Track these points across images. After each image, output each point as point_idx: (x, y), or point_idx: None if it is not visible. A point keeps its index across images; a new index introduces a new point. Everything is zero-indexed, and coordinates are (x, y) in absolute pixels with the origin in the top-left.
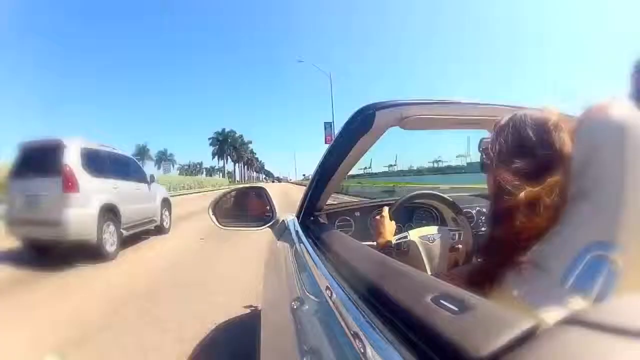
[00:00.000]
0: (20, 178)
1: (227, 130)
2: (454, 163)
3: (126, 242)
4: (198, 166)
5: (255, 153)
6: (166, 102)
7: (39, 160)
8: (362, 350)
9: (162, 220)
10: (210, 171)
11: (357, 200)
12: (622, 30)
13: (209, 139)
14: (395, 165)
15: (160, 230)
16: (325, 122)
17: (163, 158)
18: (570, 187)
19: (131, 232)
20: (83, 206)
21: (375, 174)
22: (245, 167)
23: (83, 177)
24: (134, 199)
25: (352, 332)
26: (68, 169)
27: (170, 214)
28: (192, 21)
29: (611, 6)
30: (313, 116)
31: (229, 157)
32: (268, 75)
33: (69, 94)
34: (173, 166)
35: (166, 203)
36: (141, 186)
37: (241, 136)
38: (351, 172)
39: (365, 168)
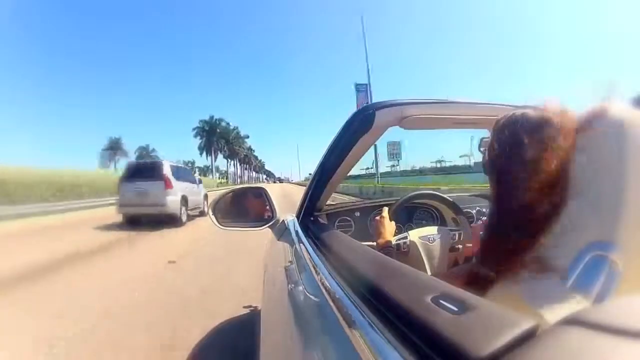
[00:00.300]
0: (130, 181)
1: (215, 118)
2: (457, 163)
3: (187, 218)
4: (190, 165)
5: (253, 150)
6: (157, 97)
7: (146, 172)
8: (362, 351)
9: (204, 207)
10: (204, 171)
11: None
12: (622, 31)
13: (193, 129)
14: (397, 165)
15: (202, 214)
16: (357, 84)
17: (144, 154)
18: (570, 186)
19: (191, 213)
20: (174, 195)
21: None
22: (242, 165)
23: (173, 181)
24: (193, 193)
25: (352, 332)
26: (167, 176)
27: (208, 204)
28: (187, 10)
29: (611, 6)
30: (318, 114)
31: (219, 152)
32: (270, 71)
33: (44, 87)
34: None
35: (206, 197)
36: (195, 186)
37: (236, 129)
38: (352, 172)
39: (368, 168)
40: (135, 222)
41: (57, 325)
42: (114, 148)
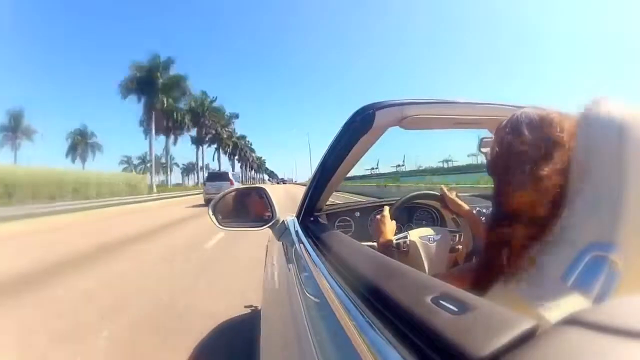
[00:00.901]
0: (211, 181)
1: (161, 59)
2: (465, 162)
3: None
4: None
5: (250, 142)
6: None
7: (219, 176)
8: (362, 351)
9: None
10: (188, 170)
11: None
12: (623, 31)
13: (120, 84)
14: (403, 165)
15: None
16: None
17: (79, 140)
18: (570, 186)
19: None
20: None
21: (383, 174)
22: (232, 159)
23: (234, 181)
24: None
25: (351, 332)
26: (231, 179)
27: None
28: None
29: (612, 6)
30: (320, 112)
31: (179, 130)
32: (273, 68)
33: None
34: (93, 154)
35: None
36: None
37: (215, 100)
38: (358, 173)
39: (373, 168)
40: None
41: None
42: (13, 127)
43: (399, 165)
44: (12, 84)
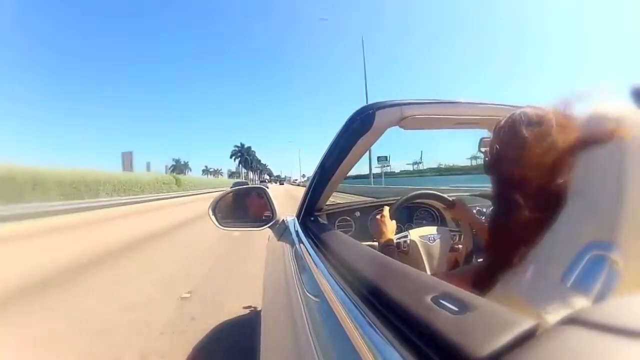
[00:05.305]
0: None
1: None
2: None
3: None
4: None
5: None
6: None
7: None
8: (362, 350)
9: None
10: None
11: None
12: (623, 30)
13: None
14: (420, 162)
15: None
16: None
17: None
18: (570, 186)
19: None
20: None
21: (398, 173)
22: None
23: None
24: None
25: (351, 332)
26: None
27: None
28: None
29: (612, 5)
30: (320, 110)
31: None
32: (269, 68)
33: None
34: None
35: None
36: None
37: None
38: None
39: (383, 166)
40: None
41: None
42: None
43: (415, 163)
44: None
